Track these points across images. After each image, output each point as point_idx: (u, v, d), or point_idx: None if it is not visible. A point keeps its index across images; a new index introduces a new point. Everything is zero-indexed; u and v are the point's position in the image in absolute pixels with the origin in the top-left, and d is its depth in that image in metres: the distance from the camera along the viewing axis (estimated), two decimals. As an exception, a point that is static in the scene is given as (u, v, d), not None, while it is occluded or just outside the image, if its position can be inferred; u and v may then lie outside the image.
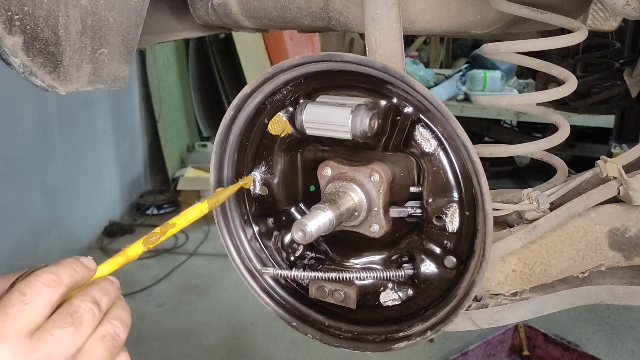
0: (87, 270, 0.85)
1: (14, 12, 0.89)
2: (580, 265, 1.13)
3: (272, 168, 1.15)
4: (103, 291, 0.84)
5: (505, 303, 1.15)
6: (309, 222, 0.98)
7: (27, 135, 4.36)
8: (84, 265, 0.85)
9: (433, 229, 1.05)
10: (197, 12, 1.42)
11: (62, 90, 1.02)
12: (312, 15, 1.30)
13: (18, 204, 4.25)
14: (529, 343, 3.63)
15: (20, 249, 4.28)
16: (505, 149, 1.15)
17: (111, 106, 5.57)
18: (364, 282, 1.11)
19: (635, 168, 1.11)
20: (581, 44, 2.34)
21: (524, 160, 6.74)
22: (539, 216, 1.08)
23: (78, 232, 5.05)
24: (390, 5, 1.04)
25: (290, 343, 3.76)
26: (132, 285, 4.49)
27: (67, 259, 0.85)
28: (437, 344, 3.73)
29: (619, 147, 4.98)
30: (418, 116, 1.01)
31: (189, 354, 3.68)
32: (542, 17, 1.10)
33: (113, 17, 1.05)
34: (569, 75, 1.14)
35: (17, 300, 0.75)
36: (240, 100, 1.08)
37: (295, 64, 1.01)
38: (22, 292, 0.76)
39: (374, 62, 0.95)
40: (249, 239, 1.21)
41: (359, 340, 1.13)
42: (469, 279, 1.00)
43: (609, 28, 1.49)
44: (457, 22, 1.20)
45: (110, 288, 0.86)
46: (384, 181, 1.06)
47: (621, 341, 3.85)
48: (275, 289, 1.21)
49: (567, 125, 1.18)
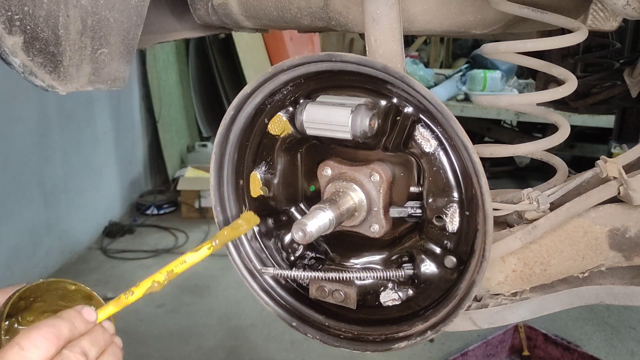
0: (86, 324, 0.88)
1: (14, 12, 0.89)
2: (581, 266, 1.12)
3: (272, 168, 1.15)
4: (93, 341, 0.87)
5: (505, 303, 1.15)
6: (309, 222, 0.98)
7: (27, 135, 4.35)
8: (83, 319, 0.88)
9: (433, 229, 1.05)
10: (197, 12, 1.42)
11: (62, 90, 1.02)
12: (312, 16, 1.30)
13: (17, 204, 4.24)
14: (529, 343, 3.63)
15: (20, 249, 4.27)
16: (505, 149, 1.15)
17: (111, 106, 5.56)
18: (364, 282, 1.11)
19: (635, 168, 1.11)
20: (581, 44, 2.34)
21: (524, 160, 6.74)
22: (539, 216, 1.08)
23: (77, 232, 5.05)
24: (390, 5, 1.04)
25: (290, 343, 3.75)
26: (132, 285, 4.48)
27: (68, 311, 0.88)
28: (437, 344, 3.73)
29: (619, 147, 4.98)
30: (418, 116, 1.01)
31: (189, 354, 3.68)
32: (542, 17, 1.10)
33: (113, 17, 1.05)
34: (569, 75, 1.14)
35: (15, 356, 0.78)
36: (240, 100, 1.08)
37: (295, 64, 1.01)
38: (22, 347, 0.79)
39: (374, 62, 0.95)
40: (249, 239, 1.21)
41: (359, 340, 1.13)
42: (469, 279, 1.00)
43: (609, 28, 1.49)
44: (457, 22, 1.20)
45: (101, 337, 0.89)
46: (384, 181, 1.06)
47: (621, 342, 3.85)
48: (275, 289, 1.21)
49: (567, 125, 1.18)
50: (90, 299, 1.01)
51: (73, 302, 1.00)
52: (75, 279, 1.01)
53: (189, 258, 1.00)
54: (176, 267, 0.99)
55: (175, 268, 0.99)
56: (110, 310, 0.95)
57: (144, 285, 0.98)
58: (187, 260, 1.00)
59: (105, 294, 4.30)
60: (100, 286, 4.49)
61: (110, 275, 4.68)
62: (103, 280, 4.59)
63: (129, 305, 0.95)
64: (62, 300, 1.00)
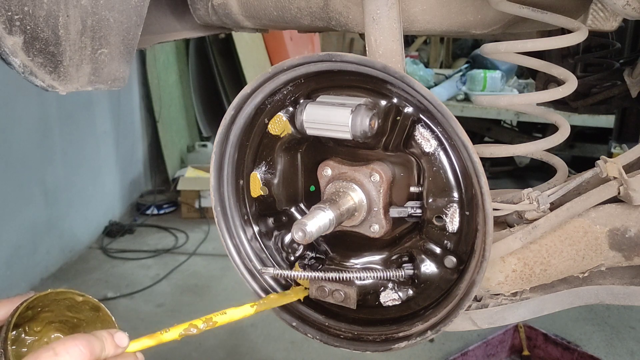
0: (116, 348, 0.90)
1: (14, 12, 0.89)
2: (581, 265, 1.12)
3: (272, 168, 1.15)
4: None
5: (505, 303, 1.15)
6: (309, 222, 0.98)
7: (27, 135, 4.36)
8: (114, 344, 0.90)
9: (433, 229, 1.05)
10: (197, 12, 1.42)
11: (62, 90, 1.02)
12: (312, 16, 1.30)
13: (18, 203, 4.25)
14: (529, 343, 3.63)
15: (20, 249, 4.28)
16: (505, 149, 1.15)
17: (111, 106, 5.57)
18: (364, 282, 1.11)
19: (635, 168, 1.11)
20: (581, 44, 2.34)
21: (524, 160, 6.74)
22: (539, 216, 1.08)
23: (78, 232, 5.05)
24: (390, 5, 1.04)
25: (290, 343, 3.76)
26: (132, 285, 4.49)
27: (102, 331, 0.90)
28: (437, 344, 3.73)
29: (619, 147, 4.98)
30: (418, 116, 1.01)
31: (189, 354, 3.68)
32: (542, 17, 1.10)
33: (113, 17, 1.05)
34: (569, 75, 1.14)
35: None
36: (240, 100, 1.08)
37: (295, 64, 1.01)
38: (56, 352, 0.81)
39: (374, 62, 0.95)
40: (249, 239, 1.21)
41: (359, 340, 1.13)
42: (469, 279, 1.00)
43: (609, 28, 1.49)
44: (457, 22, 1.20)
45: None
46: (384, 181, 1.06)
47: (621, 341, 3.85)
48: (275, 289, 1.21)
49: (567, 125, 1.18)
50: (97, 311, 1.01)
51: (80, 313, 1.01)
52: (76, 278, 1.02)
53: (230, 312, 1.04)
54: (217, 316, 1.02)
55: (215, 317, 1.02)
56: (145, 343, 0.96)
57: (182, 326, 1.00)
58: (229, 313, 1.04)
59: (106, 293, 4.31)
60: (100, 286, 4.50)
61: (110, 275, 4.68)
62: (103, 279, 4.60)
63: (130, 306, 0.95)
64: (70, 311, 1.00)
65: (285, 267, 1.20)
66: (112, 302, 4.14)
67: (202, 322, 1.00)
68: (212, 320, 1.02)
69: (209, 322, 1.01)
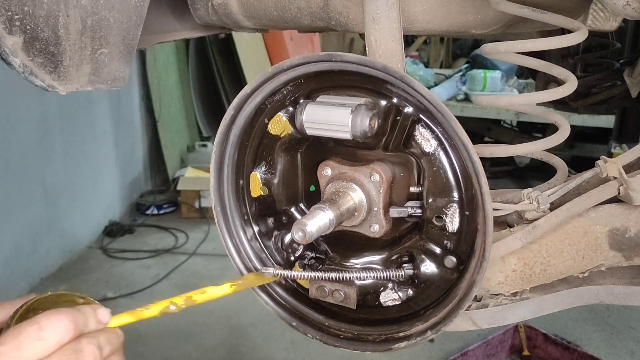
0: (98, 323, 0.90)
1: (14, 12, 0.89)
2: (581, 265, 1.13)
3: (272, 168, 1.15)
4: (109, 340, 0.90)
5: (505, 303, 1.15)
6: (309, 222, 0.98)
7: (27, 134, 4.36)
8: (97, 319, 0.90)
9: (433, 229, 1.05)
10: (197, 12, 1.42)
11: (62, 90, 1.02)
12: (312, 15, 1.30)
13: (18, 203, 4.25)
14: (529, 343, 3.63)
15: (20, 248, 4.28)
16: (505, 149, 1.15)
17: (111, 106, 5.57)
18: (364, 282, 1.11)
19: (635, 168, 1.11)
20: (581, 44, 2.34)
21: (524, 160, 6.74)
22: (539, 216, 1.08)
23: (78, 232, 5.05)
24: (390, 5, 1.04)
25: (290, 343, 3.76)
26: (132, 285, 4.49)
27: (86, 306, 0.91)
28: (437, 344, 3.73)
29: (619, 147, 4.98)
30: (418, 116, 1.01)
31: (189, 354, 3.68)
32: (542, 17, 1.10)
33: (113, 17, 1.05)
34: (569, 75, 1.14)
35: (32, 333, 0.80)
36: (240, 100, 1.08)
37: (295, 64, 1.01)
38: (41, 326, 0.80)
39: (374, 62, 0.95)
40: (249, 239, 1.21)
41: (359, 340, 1.13)
42: (469, 279, 1.00)
43: (609, 28, 1.49)
44: (457, 22, 1.20)
45: (115, 340, 0.92)
46: (384, 181, 1.06)
47: (621, 341, 3.85)
48: (275, 288, 1.21)
49: (567, 125, 1.18)
50: None
51: None
52: (76, 278, 1.02)
53: (210, 290, 1.04)
54: (196, 295, 1.03)
55: (194, 295, 1.02)
56: (125, 319, 0.96)
57: (162, 304, 1.00)
58: (208, 292, 1.04)
59: (105, 293, 4.31)
60: (100, 285, 4.50)
61: (110, 275, 4.68)
62: (103, 279, 4.59)
63: (130, 306, 0.96)
64: None
65: (285, 267, 1.20)
66: (112, 302, 4.14)
67: (182, 300, 1.01)
68: (192, 299, 1.02)
69: (189, 300, 1.02)
